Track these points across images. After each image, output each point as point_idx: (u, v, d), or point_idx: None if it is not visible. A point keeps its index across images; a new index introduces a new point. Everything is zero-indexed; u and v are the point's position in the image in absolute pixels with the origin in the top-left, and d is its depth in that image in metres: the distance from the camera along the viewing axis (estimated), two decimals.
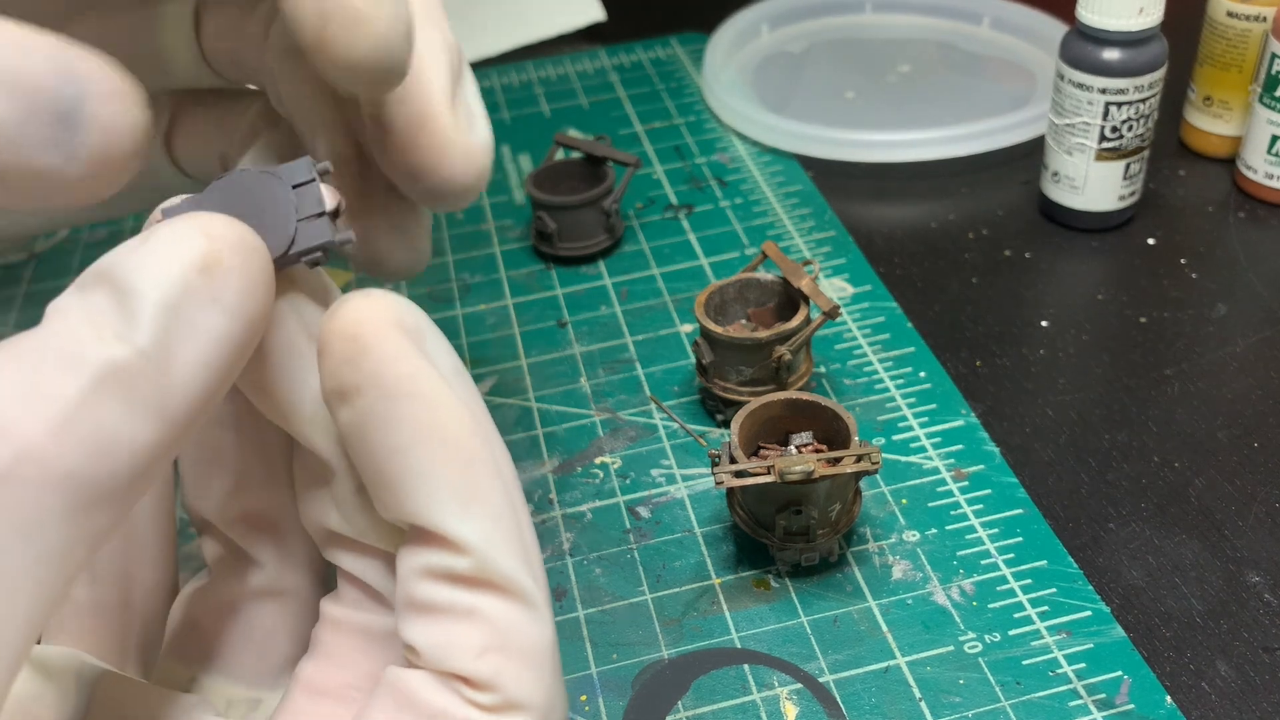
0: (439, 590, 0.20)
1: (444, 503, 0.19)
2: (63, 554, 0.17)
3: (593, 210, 0.50)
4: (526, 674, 0.19)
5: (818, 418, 0.37)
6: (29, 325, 0.49)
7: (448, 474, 0.19)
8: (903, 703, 0.32)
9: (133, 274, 0.18)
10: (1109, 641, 0.33)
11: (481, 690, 0.19)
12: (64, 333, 0.17)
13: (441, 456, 0.19)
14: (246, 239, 0.19)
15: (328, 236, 0.20)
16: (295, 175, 0.20)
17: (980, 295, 0.48)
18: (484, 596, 0.19)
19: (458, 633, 0.19)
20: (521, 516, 0.20)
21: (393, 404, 0.19)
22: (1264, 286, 0.47)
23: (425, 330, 0.20)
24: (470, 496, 0.19)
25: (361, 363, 0.19)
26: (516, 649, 0.19)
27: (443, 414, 0.19)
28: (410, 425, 0.19)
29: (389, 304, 0.19)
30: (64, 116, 0.18)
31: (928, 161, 0.55)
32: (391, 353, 0.19)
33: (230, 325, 0.18)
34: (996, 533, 0.37)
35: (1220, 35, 0.52)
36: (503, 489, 0.20)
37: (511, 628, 0.19)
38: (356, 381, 0.19)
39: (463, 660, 0.19)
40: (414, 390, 0.19)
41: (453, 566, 0.19)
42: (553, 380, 0.45)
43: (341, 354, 0.19)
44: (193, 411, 0.18)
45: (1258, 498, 0.38)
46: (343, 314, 0.19)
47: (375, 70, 0.20)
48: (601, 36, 0.72)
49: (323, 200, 0.20)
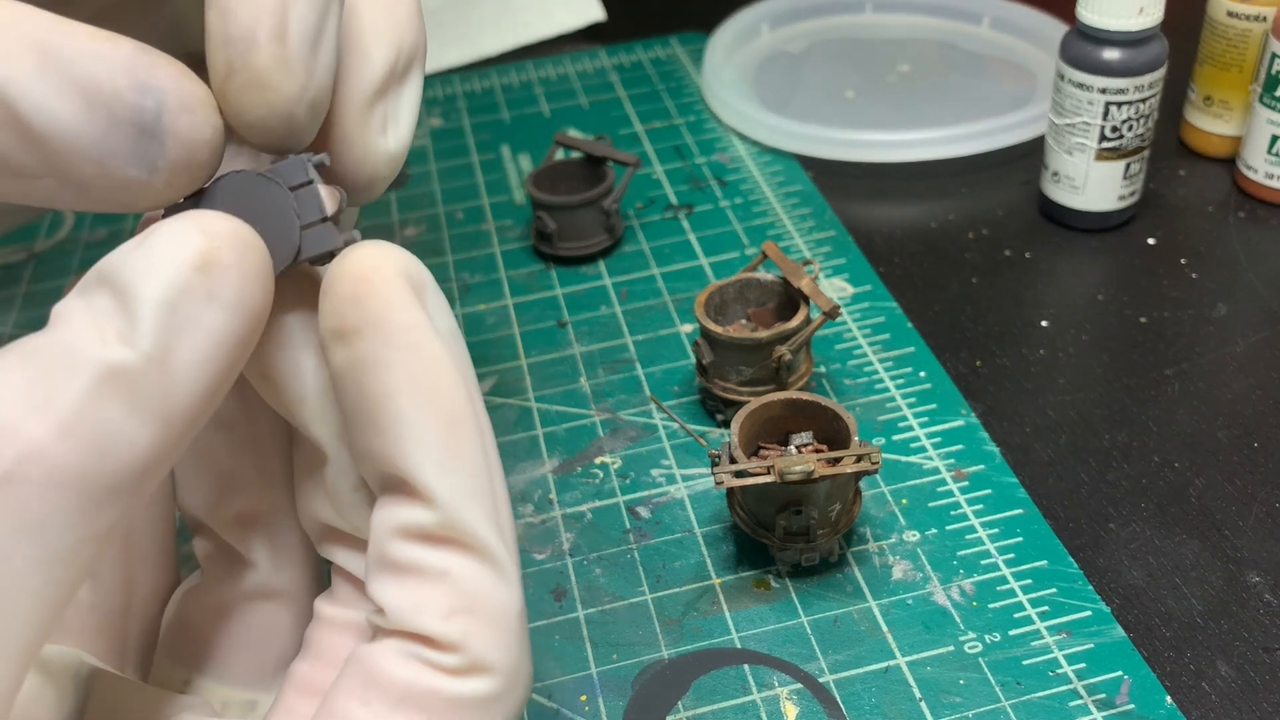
0: (409, 549, 0.20)
1: (423, 453, 0.19)
2: (69, 553, 0.17)
3: (593, 210, 0.50)
4: (493, 637, 0.19)
5: (818, 418, 0.37)
6: (29, 325, 0.49)
7: (431, 426, 0.19)
8: (903, 703, 0.32)
9: (132, 275, 0.18)
10: (1109, 641, 0.33)
11: (447, 651, 0.19)
12: (67, 335, 0.17)
13: (427, 408, 0.19)
14: (243, 235, 0.19)
15: (334, 244, 0.20)
16: (293, 176, 0.20)
17: (980, 295, 0.48)
18: (453, 556, 0.19)
19: (425, 593, 0.19)
20: (498, 484, 0.20)
21: (389, 350, 0.19)
22: (1264, 286, 0.47)
23: (429, 287, 0.20)
24: (450, 452, 0.19)
25: (366, 304, 0.19)
26: (484, 611, 0.19)
27: (435, 368, 0.19)
28: (402, 373, 0.19)
29: (398, 254, 0.20)
30: (145, 129, 0.18)
31: (928, 161, 0.55)
32: (396, 300, 0.19)
33: (230, 321, 0.18)
34: (997, 533, 0.37)
35: (1220, 35, 0.52)
36: (483, 452, 0.20)
37: (479, 590, 0.19)
38: (357, 322, 0.19)
39: (429, 621, 0.19)
40: (411, 340, 0.19)
41: (422, 521, 0.19)
42: (553, 380, 0.45)
43: (347, 294, 0.19)
44: (195, 408, 0.18)
45: (1258, 498, 0.38)
46: (353, 257, 0.19)
47: (268, 135, 0.20)
48: (601, 36, 0.72)
49: (324, 205, 0.20)
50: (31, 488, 0.16)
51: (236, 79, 0.19)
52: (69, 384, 0.17)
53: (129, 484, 0.17)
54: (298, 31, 0.19)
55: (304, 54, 0.20)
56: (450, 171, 0.60)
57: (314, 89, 0.20)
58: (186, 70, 0.19)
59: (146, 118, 0.18)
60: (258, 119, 0.19)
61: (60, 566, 0.17)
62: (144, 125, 0.18)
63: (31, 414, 0.16)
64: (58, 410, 0.17)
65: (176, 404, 0.18)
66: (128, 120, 0.18)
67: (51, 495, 0.16)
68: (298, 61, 0.19)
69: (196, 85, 0.19)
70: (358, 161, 0.22)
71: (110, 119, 0.18)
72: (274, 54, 0.19)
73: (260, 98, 0.19)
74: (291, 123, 0.20)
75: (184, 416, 0.18)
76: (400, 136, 0.23)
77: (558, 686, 0.34)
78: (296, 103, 0.20)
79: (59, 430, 0.16)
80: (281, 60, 0.19)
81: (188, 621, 0.24)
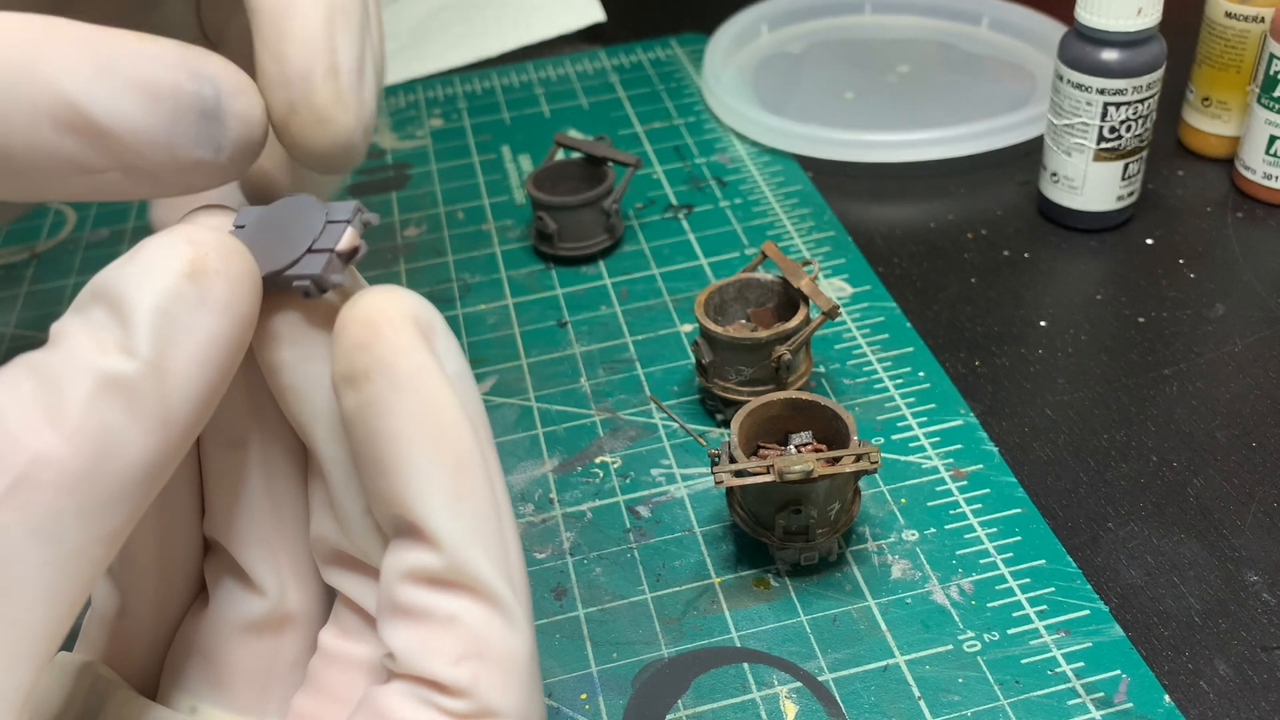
0: (417, 593, 0.20)
1: (430, 497, 0.20)
2: (79, 556, 0.17)
3: (593, 210, 0.50)
4: (502, 681, 0.20)
5: (817, 417, 0.37)
6: (30, 325, 0.49)
7: (438, 470, 0.20)
8: (902, 701, 0.32)
9: (125, 287, 0.18)
10: (1107, 640, 0.33)
11: (456, 697, 0.19)
12: (67, 348, 0.18)
13: (434, 452, 0.20)
14: (229, 244, 0.19)
15: (316, 270, 0.21)
16: (337, 213, 0.21)
17: (979, 295, 0.48)
18: (461, 601, 0.20)
19: (434, 638, 0.20)
20: (507, 527, 0.20)
21: (395, 393, 0.19)
22: (1262, 286, 0.47)
23: (438, 330, 0.21)
24: (456, 495, 0.20)
25: (373, 348, 0.20)
26: (493, 656, 0.20)
27: (441, 411, 0.20)
28: (409, 416, 0.19)
29: (407, 298, 0.20)
30: (208, 114, 0.20)
31: (927, 162, 0.55)
32: (403, 344, 0.20)
33: (221, 325, 0.19)
34: (995, 532, 0.37)
35: (1219, 36, 0.52)
36: (490, 495, 0.20)
37: (488, 635, 0.20)
38: (366, 366, 0.20)
39: (438, 666, 0.19)
40: (417, 384, 0.20)
41: (430, 565, 0.20)
42: (553, 380, 0.45)
43: (355, 339, 0.20)
44: (193, 411, 0.19)
45: (1256, 497, 0.38)
46: (362, 302, 0.20)
47: (330, 163, 0.22)
48: (601, 37, 0.72)
49: (340, 241, 0.21)
50: (42, 492, 0.17)
51: (299, 117, 0.21)
52: (73, 393, 0.17)
53: (134, 486, 0.18)
54: (347, 66, 0.21)
55: (355, 85, 0.21)
56: (451, 172, 0.60)
57: (366, 116, 0.22)
58: (227, 60, 0.20)
59: (208, 104, 0.20)
60: (321, 151, 0.21)
61: (70, 569, 0.17)
62: (206, 110, 0.20)
63: (39, 423, 0.17)
64: (64, 418, 0.17)
65: (175, 407, 0.18)
66: (192, 107, 0.19)
67: (61, 499, 0.17)
68: (351, 93, 0.21)
69: (240, 71, 0.20)
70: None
71: (175, 109, 0.19)
72: (331, 91, 0.21)
73: (323, 131, 0.21)
74: (351, 150, 0.22)
75: (183, 419, 0.19)
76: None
77: (558, 685, 0.34)
78: (354, 131, 0.21)
79: (66, 437, 0.17)
80: (338, 95, 0.21)
81: (196, 647, 0.24)
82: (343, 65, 0.21)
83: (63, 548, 0.17)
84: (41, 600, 0.17)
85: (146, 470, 0.18)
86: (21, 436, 0.17)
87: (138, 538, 0.23)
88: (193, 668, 0.24)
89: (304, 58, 0.21)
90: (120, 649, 0.24)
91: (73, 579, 0.17)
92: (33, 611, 0.17)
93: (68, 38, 0.19)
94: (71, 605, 0.17)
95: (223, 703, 0.24)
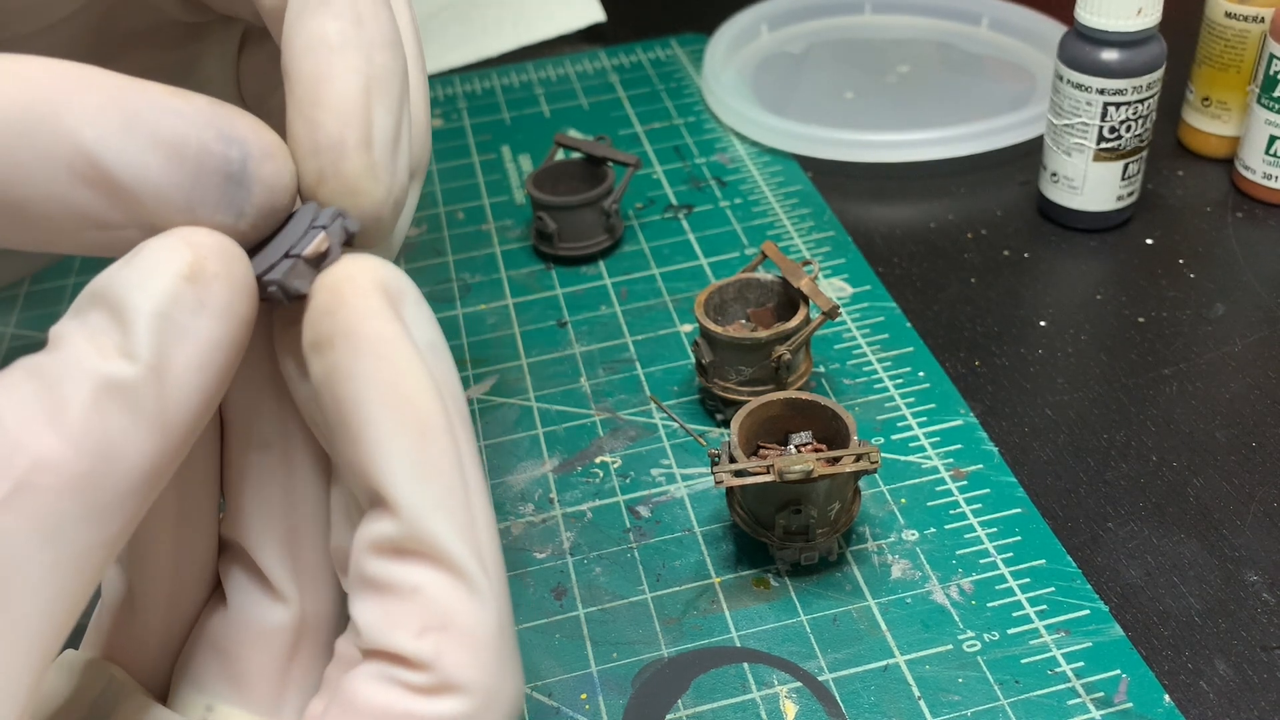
0: (381, 564, 0.19)
1: (392, 462, 0.19)
2: (82, 557, 0.17)
3: (593, 210, 0.50)
4: (466, 655, 0.19)
5: (817, 417, 0.37)
6: (29, 325, 0.49)
7: (399, 435, 0.19)
8: (902, 701, 0.32)
9: (124, 290, 0.18)
10: (1107, 640, 0.33)
11: (419, 670, 0.19)
12: (67, 352, 0.18)
13: (396, 417, 0.19)
14: (227, 247, 0.19)
15: (279, 275, 0.20)
16: (322, 219, 0.21)
17: (979, 295, 0.48)
18: (423, 571, 0.19)
19: (398, 610, 0.19)
20: (476, 498, 0.20)
21: (358, 358, 0.19)
22: (1262, 286, 0.47)
23: (409, 298, 0.20)
24: (419, 461, 0.19)
25: (338, 314, 0.19)
26: (457, 629, 0.19)
27: (406, 377, 0.19)
28: (372, 381, 0.19)
29: (375, 265, 0.20)
30: (233, 178, 0.19)
31: (927, 162, 0.55)
32: (366, 308, 0.19)
33: (220, 328, 0.19)
34: (995, 532, 0.37)
35: (1218, 36, 0.52)
36: (456, 463, 0.20)
37: (452, 606, 0.19)
38: (330, 332, 0.19)
39: (401, 639, 0.19)
40: (381, 349, 0.19)
41: (390, 533, 0.19)
42: (553, 380, 0.45)
43: (322, 305, 0.20)
44: (192, 414, 0.19)
45: (1256, 497, 0.38)
46: (331, 270, 0.20)
47: (359, 235, 0.21)
48: (601, 37, 0.72)
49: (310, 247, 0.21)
50: (44, 496, 0.17)
51: (328, 185, 0.20)
52: (74, 397, 0.17)
53: (135, 489, 0.18)
54: (381, 139, 0.21)
55: (388, 159, 0.21)
56: (451, 172, 0.60)
57: (397, 190, 0.21)
58: (259, 120, 0.20)
59: (234, 167, 0.19)
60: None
61: (72, 572, 0.17)
62: (231, 174, 0.19)
63: (40, 426, 0.17)
64: (65, 422, 0.17)
65: (175, 410, 0.18)
66: (217, 170, 0.19)
67: (64, 502, 0.17)
68: (383, 166, 0.21)
69: (272, 134, 0.20)
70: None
71: (199, 170, 0.19)
72: (363, 161, 0.20)
73: (352, 203, 0.21)
74: (380, 224, 0.21)
75: (182, 422, 0.19)
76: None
77: (558, 685, 0.34)
78: (384, 204, 0.21)
79: (67, 440, 0.17)
80: (369, 167, 0.20)
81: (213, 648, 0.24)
82: (377, 137, 0.20)
83: (64, 551, 0.17)
84: (44, 604, 0.17)
85: (147, 473, 0.18)
86: (23, 440, 0.17)
87: (153, 535, 0.23)
88: (209, 666, 0.24)
89: (337, 126, 0.20)
90: (131, 646, 0.24)
91: (74, 582, 0.17)
92: (35, 615, 0.17)
93: (94, 86, 0.18)
94: (73, 608, 0.18)
95: (239, 702, 0.24)
